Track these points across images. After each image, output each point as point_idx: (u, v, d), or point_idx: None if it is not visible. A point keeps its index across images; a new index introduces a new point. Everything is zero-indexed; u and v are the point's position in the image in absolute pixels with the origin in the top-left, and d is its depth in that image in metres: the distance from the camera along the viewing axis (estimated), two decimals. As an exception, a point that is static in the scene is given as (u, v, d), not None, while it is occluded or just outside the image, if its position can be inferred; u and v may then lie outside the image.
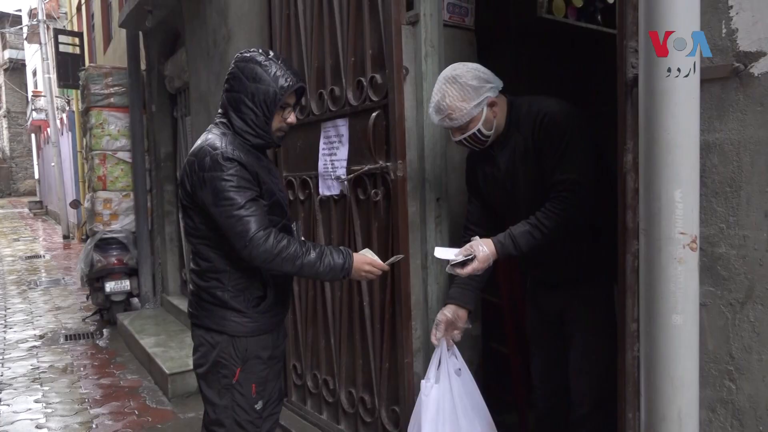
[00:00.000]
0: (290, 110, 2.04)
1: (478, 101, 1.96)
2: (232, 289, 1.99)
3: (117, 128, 6.13)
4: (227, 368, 2.02)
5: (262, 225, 1.88)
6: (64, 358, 5.15)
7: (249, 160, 1.92)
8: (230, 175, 1.87)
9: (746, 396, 1.39)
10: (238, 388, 2.03)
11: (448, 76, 1.99)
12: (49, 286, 8.58)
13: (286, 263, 1.89)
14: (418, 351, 2.50)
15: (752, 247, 1.35)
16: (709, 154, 1.41)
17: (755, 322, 1.36)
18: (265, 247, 1.86)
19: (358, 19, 2.62)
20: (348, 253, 1.99)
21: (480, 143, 2.05)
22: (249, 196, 1.88)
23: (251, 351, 2.03)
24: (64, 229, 15.13)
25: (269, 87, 1.93)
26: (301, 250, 1.90)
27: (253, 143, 1.99)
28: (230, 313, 2.00)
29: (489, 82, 1.99)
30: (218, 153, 1.89)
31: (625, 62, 1.52)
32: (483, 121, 1.99)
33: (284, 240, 1.89)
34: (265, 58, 1.97)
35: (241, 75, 1.96)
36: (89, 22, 12.46)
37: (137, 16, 5.55)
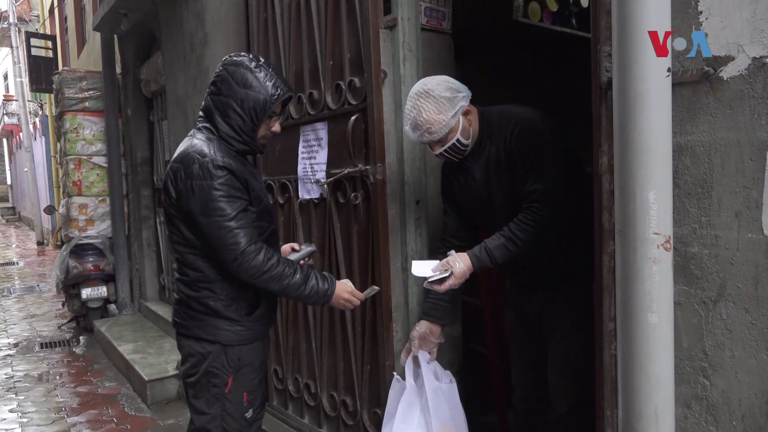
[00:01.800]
0: (276, 119, 2.03)
1: (454, 112, 1.97)
2: (224, 299, 1.95)
3: (92, 133, 6.06)
4: (219, 377, 1.98)
5: (252, 239, 1.86)
6: (40, 366, 5.06)
7: (238, 167, 1.89)
8: (221, 184, 1.83)
9: (720, 392, 1.42)
10: (229, 397, 2.00)
11: (419, 91, 1.99)
12: (24, 294, 8.42)
13: (272, 282, 1.88)
14: (399, 353, 2.50)
15: (724, 246, 1.38)
16: (681, 156, 1.44)
17: (727, 320, 1.39)
18: (255, 262, 1.84)
19: (336, 23, 2.62)
20: (332, 279, 1.99)
21: (460, 153, 2.06)
22: (239, 206, 1.85)
23: (244, 359, 2.00)
24: (38, 235, 14.89)
25: (259, 94, 1.89)
26: (289, 271, 1.89)
27: (237, 149, 1.95)
28: (223, 322, 1.96)
29: (460, 92, 2.00)
30: (207, 160, 1.85)
31: (599, 66, 1.55)
32: (460, 130, 2.01)
33: (274, 258, 1.88)
34: (256, 64, 1.93)
35: (231, 79, 1.91)
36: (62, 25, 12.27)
37: (112, 19, 5.48)
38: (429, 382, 2.24)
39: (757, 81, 1.30)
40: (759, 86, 1.30)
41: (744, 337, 1.36)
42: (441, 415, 2.21)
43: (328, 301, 1.99)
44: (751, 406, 1.36)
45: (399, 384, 2.34)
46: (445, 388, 2.26)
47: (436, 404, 2.22)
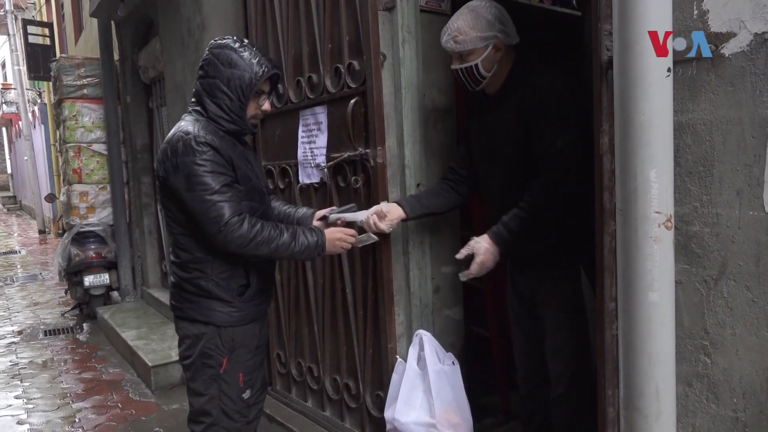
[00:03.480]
0: (265, 97, 2.05)
1: (486, 35, 2.00)
2: (216, 279, 1.99)
3: (91, 120, 6.04)
4: (214, 359, 2.02)
5: (236, 210, 1.88)
6: (44, 353, 5.09)
7: (222, 145, 1.92)
8: (204, 160, 1.87)
9: (721, 370, 1.42)
10: (225, 377, 2.03)
11: (470, 4, 2.06)
12: (26, 282, 8.45)
13: (261, 246, 1.91)
14: (401, 336, 2.52)
15: (725, 224, 1.38)
16: (682, 134, 1.43)
17: (728, 298, 1.39)
18: (240, 232, 1.87)
19: (335, 6, 2.60)
20: (319, 231, 2.03)
21: (474, 81, 2.07)
22: (223, 180, 1.88)
23: (238, 340, 2.04)
24: (39, 223, 14.90)
25: (244, 72, 1.92)
26: (276, 233, 1.92)
27: (227, 129, 1.98)
28: (215, 303, 1.99)
29: (504, 26, 2.03)
30: (191, 137, 1.89)
31: (599, 45, 1.54)
32: (483, 58, 2.02)
33: (258, 224, 1.90)
34: (240, 44, 1.97)
35: (216, 61, 1.95)
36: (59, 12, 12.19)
37: (109, 6, 5.44)
38: (432, 365, 2.26)
39: (759, 57, 1.29)
40: (761, 63, 1.29)
41: (745, 314, 1.37)
42: (444, 397, 2.23)
43: (322, 251, 2.03)
44: (752, 383, 1.37)
45: (402, 367, 2.36)
46: (448, 370, 2.28)
47: (438, 386, 2.24)
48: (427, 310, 2.55)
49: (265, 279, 2.11)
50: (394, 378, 2.39)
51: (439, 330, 2.58)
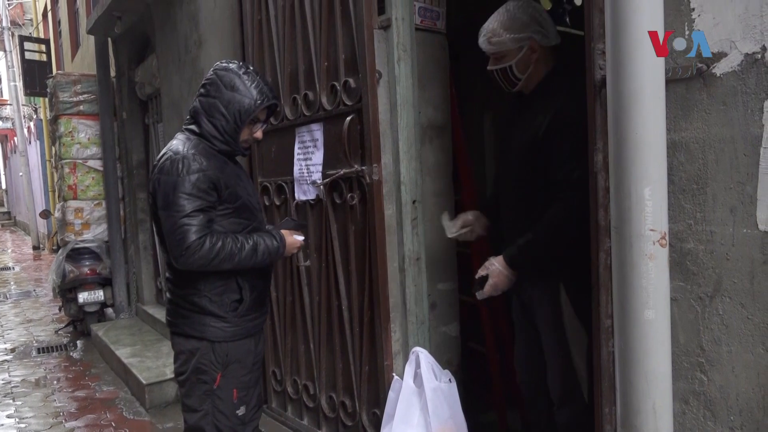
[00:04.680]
0: (260, 125, 2.11)
1: (520, 37, 1.99)
2: (209, 295, 2.01)
3: (87, 136, 6.04)
4: (207, 374, 2.03)
5: (199, 234, 1.90)
6: (37, 371, 5.04)
7: (210, 165, 1.96)
8: (185, 182, 1.90)
9: (717, 387, 1.42)
10: (219, 393, 2.04)
11: (507, 4, 2.06)
12: (20, 299, 8.39)
13: (224, 263, 1.94)
14: (398, 353, 2.51)
15: (719, 242, 1.39)
16: (675, 152, 1.44)
17: (724, 315, 1.40)
18: (200, 254, 1.89)
19: (331, 24, 2.62)
20: (278, 235, 2.06)
21: (509, 82, 2.07)
22: (198, 205, 1.91)
23: (232, 356, 2.04)
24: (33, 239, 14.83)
25: (244, 98, 1.98)
26: (237, 247, 1.95)
27: (219, 148, 2.03)
28: (209, 318, 2.01)
29: (541, 26, 2.01)
30: (179, 157, 1.93)
31: (593, 64, 1.56)
32: (518, 59, 2.01)
33: (219, 242, 1.93)
34: (245, 71, 2.03)
35: (220, 82, 2.01)
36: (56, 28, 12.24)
37: (106, 23, 5.47)
38: (428, 382, 2.25)
39: (750, 77, 1.30)
40: (752, 82, 1.30)
41: (740, 332, 1.37)
42: (440, 415, 2.22)
43: (282, 255, 2.09)
44: (748, 400, 1.37)
45: (398, 384, 2.35)
46: (445, 388, 2.27)
47: (435, 404, 2.22)
48: (424, 327, 2.54)
49: (259, 294, 2.11)
50: (391, 396, 2.38)
51: (435, 347, 2.57)
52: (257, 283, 2.10)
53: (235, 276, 2.02)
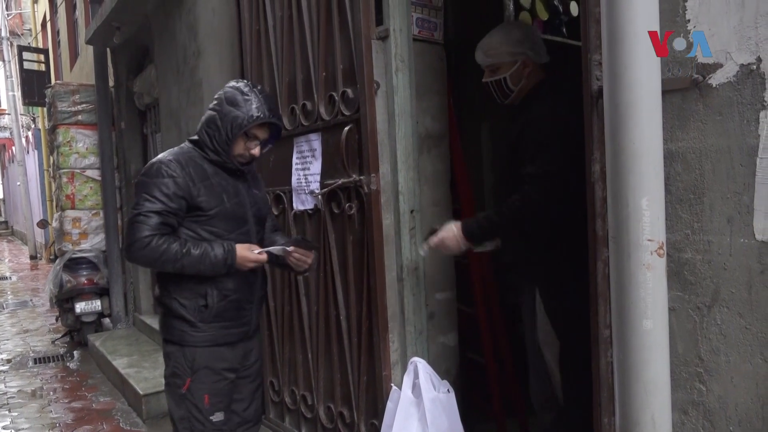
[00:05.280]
0: (257, 143, 2.15)
1: (515, 51, 2.14)
2: (178, 299, 2.09)
3: (85, 146, 6.04)
4: (180, 378, 2.11)
5: (147, 233, 1.99)
6: (34, 382, 5.01)
7: (190, 173, 2.05)
8: (151, 183, 2.02)
9: (716, 397, 1.42)
10: (190, 398, 2.10)
11: (504, 23, 2.21)
12: (17, 309, 8.35)
13: (167, 264, 2.01)
14: (396, 363, 2.50)
15: (716, 251, 1.39)
16: (672, 162, 1.45)
17: (722, 325, 1.40)
18: (144, 251, 1.99)
19: (329, 34, 2.64)
20: (230, 248, 2.06)
21: (503, 93, 2.20)
22: (158, 207, 2.00)
23: (200, 361, 2.09)
24: (31, 249, 14.79)
25: (239, 112, 2.06)
26: (181, 251, 2.00)
27: (210, 158, 2.12)
28: (178, 322, 2.10)
29: (535, 44, 2.16)
30: (156, 162, 2.07)
31: (589, 75, 1.56)
32: (512, 73, 2.15)
33: (165, 243, 2.00)
34: (249, 89, 2.11)
35: (224, 97, 2.11)
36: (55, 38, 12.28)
37: (104, 33, 5.49)
38: (427, 392, 2.24)
39: (746, 87, 1.31)
40: (747, 93, 1.31)
41: (738, 341, 1.37)
42: (439, 425, 2.21)
43: (232, 268, 2.07)
44: (747, 411, 1.37)
45: (397, 394, 2.34)
46: (443, 398, 2.26)
47: (434, 414, 2.22)
48: (422, 337, 2.54)
49: (233, 304, 2.12)
50: (389, 406, 2.37)
51: (433, 357, 2.57)
52: (230, 292, 2.11)
53: (204, 281, 2.07)
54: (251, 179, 2.27)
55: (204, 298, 2.08)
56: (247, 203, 2.19)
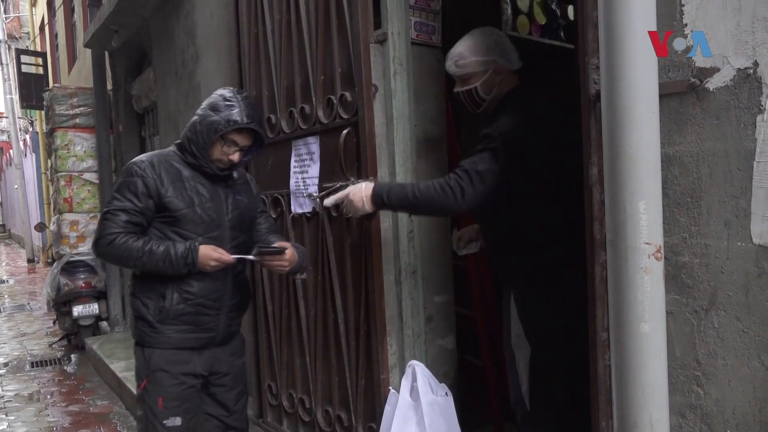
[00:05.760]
0: (236, 149, 2.15)
1: (484, 59, 2.08)
2: (141, 298, 2.14)
3: (83, 149, 6.04)
4: (139, 377, 2.15)
5: (114, 230, 2.05)
6: (31, 385, 5.00)
7: (160, 173, 2.11)
8: (122, 183, 2.11)
9: (713, 400, 1.42)
10: (145, 398, 2.12)
11: (473, 31, 2.14)
12: (14, 312, 8.34)
13: (129, 261, 2.07)
14: (394, 367, 2.50)
15: (714, 255, 1.40)
16: (670, 166, 1.45)
17: (719, 328, 1.40)
18: (108, 248, 2.06)
19: (327, 38, 2.64)
20: (192, 246, 2.07)
21: (474, 103, 2.15)
22: (125, 206, 2.07)
23: (155, 363, 2.11)
24: (28, 252, 14.77)
25: (217, 117, 2.08)
26: (143, 249, 2.05)
27: (188, 161, 2.17)
28: (140, 322, 2.14)
29: (505, 51, 2.11)
30: (130, 162, 2.16)
31: (587, 78, 1.57)
32: (482, 81, 2.09)
33: (129, 241, 2.05)
34: (232, 95, 2.14)
35: (207, 104, 2.16)
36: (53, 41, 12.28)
37: (103, 36, 5.49)
38: (425, 396, 2.24)
39: (743, 92, 1.32)
40: (744, 97, 1.31)
41: (736, 345, 1.37)
42: (437, 429, 2.21)
43: (193, 267, 2.07)
44: (744, 414, 1.37)
45: (395, 398, 2.34)
46: (441, 401, 2.26)
47: (432, 418, 2.21)
48: (420, 340, 2.54)
49: (190, 307, 2.11)
50: (387, 409, 2.36)
51: (431, 360, 2.56)
52: (191, 295, 2.11)
53: (166, 282, 2.10)
54: (239, 185, 2.29)
55: (163, 298, 2.10)
56: (225, 209, 2.20)
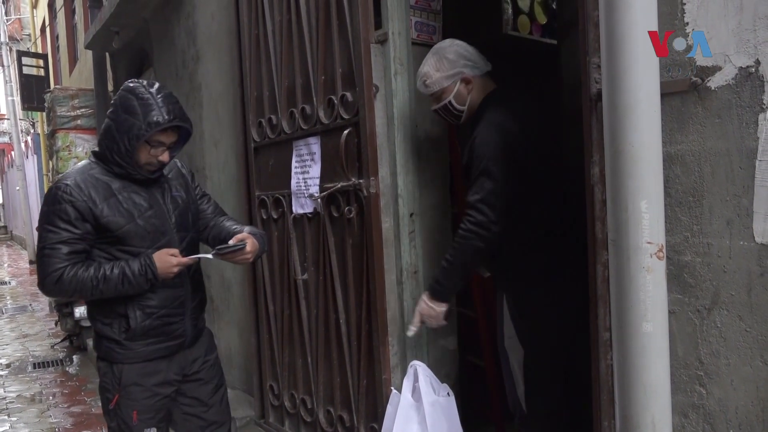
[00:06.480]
0: (164, 149, 1.99)
1: (450, 74, 2.11)
2: (100, 318, 2.04)
3: (84, 150, 6.05)
4: (109, 393, 2.06)
5: (57, 266, 1.90)
6: (33, 386, 5.00)
7: (90, 193, 1.93)
8: (50, 212, 1.92)
9: (716, 400, 1.42)
10: (118, 412, 2.05)
11: (434, 47, 2.18)
12: (16, 314, 8.34)
13: (85, 292, 1.94)
14: (396, 367, 2.50)
15: (716, 254, 1.39)
16: (672, 165, 1.45)
17: (722, 328, 1.40)
18: (57, 286, 1.92)
19: (328, 38, 2.64)
20: (148, 261, 1.94)
21: (453, 116, 2.18)
22: (61, 237, 1.91)
23: (128, 378, 2.03)
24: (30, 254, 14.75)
25: (135, 121, 1.90)
26: (96, 277, 1.91)
27: (116, 172, 2.00)
28: (105, 340, 2.04)
29: (468, 60, 2.12)
30: (54, 188, 1.95)
31: (588, 77, 1.57)
32: (454, 94, 2.13)
33: (78, 273, 1.91)
34: (146, 91, 1.94)
35: (119, 104, 1.97)
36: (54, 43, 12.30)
37: (103, 38, 5.50)
38: (426, 396, 2.24)
39: (744, 90, 1.31)
40: (746, 95, 1.31)
41: (738, 344, 1.37)
42: (439, 429, 2.21)
43: (155, 280, 1.96)
44: (747, 414, 1.37)
45: (396, 398, 2.33)
46: (443, 402, 2.26)
47: (433, 418, 2.21)
48: (422, 341, 2.54)
49: (156, 320, 2.04)
50: (389, 410, 2.36)
51: (433, 360, 2.56)
52: (155, 309, 2.03)
53: (122, 301, 1.99)
54: (173, 180, 2.15)
55: (125, 318, 2.00)
56: (166, 213, 2.07)
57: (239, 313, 3.70)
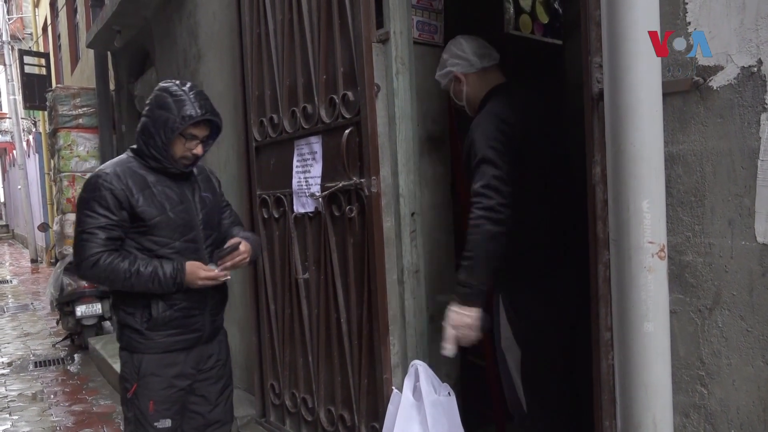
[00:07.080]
0: (197, 142, 2.11)
1: (443, 72, 2.25)
2: (124, 308, 2.12)
3: (86, 149, 6.06)
4: (128, 382, 2.14)
5: (95, 250, 2.00)
6: (34, 385, 5.01)
7: (123, 184, 2.04)
8: (90, 198, 2.03)
9: (717, 400, 1.42)
10: (135, 402, 2.12)
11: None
12: (17, 312, 8.35)
13: (116, 282, 2.04)
14: (397, 366, 2.50)
15: (718, 254, 1.39)
16: (673, 165, 1.45)
17: (723, 328, 1.39)
18: (93, 270, 2.01)
19: (329, 38, 2.64)
20: (180, 267, 2.06)
21: (461, 109, 2.30)
22: (99, 223, 2.01)
23: (147, 368, 2.11)
24: (32, 252, 14.81)
25: (170, 115, 2.03)
26: (130, 270, 2.01)
27: (152, 166, 2.12)
28: (127, 330, 2.13)
29: (460, 59, 2.20)
30: (94, 177, 2.07)
31: (590, 77, 1.56)
32: (452, 91, 2.27)
33: (113, 262, 2.01)
34: (179, 89, 2.08)
35: (154, 103, 2.10)
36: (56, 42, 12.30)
37: (105, 37, 5.50)
38: (427, 395, 2.24)
39: (746, 90, 1.31)
40: (748, 95, 1.31)
41: (740, 344, 1.37)
42: (440, 429, 2.20)
43: (181, 285, 2.06)
44: (749, 414, 1.36)
45: (397, 397, 2.33)
46: (444, 401, 2.26)
47: (434, 417, 2.21)
48: (423, 340, 2.54)
49: (177, 312, 2.11)
50: (390, 409, 2.36)
51: (434, 360, 2.56)
52: (177, 301, 2.11)
53: (147, 293, 2.07)
54: (201, 182, 2.26)
55: (148, 308, 2.09)
56: (195, 209, 2.18)
57: (240, 312, 3.71)
